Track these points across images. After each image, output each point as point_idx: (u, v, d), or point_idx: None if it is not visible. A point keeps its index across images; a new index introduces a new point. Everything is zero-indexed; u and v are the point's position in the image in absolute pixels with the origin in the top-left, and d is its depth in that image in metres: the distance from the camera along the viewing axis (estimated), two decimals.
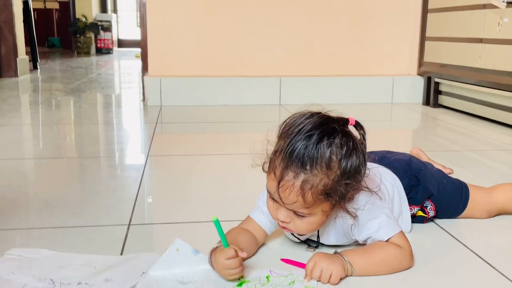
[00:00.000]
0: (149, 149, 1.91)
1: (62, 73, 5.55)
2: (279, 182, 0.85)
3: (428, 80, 3.01)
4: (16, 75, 4.57)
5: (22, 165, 1.73)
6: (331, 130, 0.86)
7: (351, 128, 0.91)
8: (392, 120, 2.80)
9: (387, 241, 0.92)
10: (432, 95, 2.96)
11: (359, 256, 0.90)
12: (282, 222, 0.90)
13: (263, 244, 1.02)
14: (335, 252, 0.92)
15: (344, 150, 0.85)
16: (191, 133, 2.31)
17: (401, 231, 0.94)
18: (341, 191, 0.87)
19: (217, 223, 0.87)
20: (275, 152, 0.89)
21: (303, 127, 0.86)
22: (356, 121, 0.92)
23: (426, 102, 3.03)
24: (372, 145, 0.99)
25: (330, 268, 0.86)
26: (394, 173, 1.10)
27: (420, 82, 3.11)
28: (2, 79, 4.42)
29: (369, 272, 0.90)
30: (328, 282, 0.86)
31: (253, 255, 0.98)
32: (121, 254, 0.99)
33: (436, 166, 1.44)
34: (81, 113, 2.92)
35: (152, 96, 2.94)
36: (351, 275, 0.89)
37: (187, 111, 2.77)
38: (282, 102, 3.01)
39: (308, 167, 0.84)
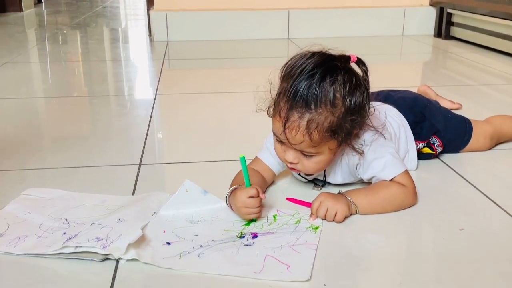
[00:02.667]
0: (157, 87, 1.91)
1: (67, 6, 5.45)
2: (285, 124, 0.86)
3: (441, 11, 2.92)
4: (20, 9, 4.50)
5: (32, 103, 1.75)
6: (333, 68, 0.86)
7: (353, 65, 0.90)
8: (402, 53, 2.75)
9: (391, 180, 0.94)
10: (444, 27, 2.89)
11: (363, 196, 0.92)
12: (290, 163, 0.92)
13: (271, 184, 1.04)
14: (339, 192, 0.94)
15: (347, 87, 0.85)
16: (199, 69, 2.30)
17: (406, 170, 0.95)
18: (347, 127, 0.87)
19: (243, 160, 0.88)
20: (278, 94, 0.89)
21: (305, 67, 0.85)
22: (358, 58, 0.91)
23: (438, 34, 2.96)
24: (382, 79, 0.98)
25: (335, 207, 0.88)
26: (399, 111, 1.10)
27: (432, 13, 3.02)
28: (7, 13, 4.36)
29: (373, 210, 0.92)
30: (333, 221, 0.89)
31: (271, 183, 1.02)
32: (133, 194, 1.01)
33: (443, 102, 1.44)
34: (88, 49, 2.89)
35: (158, 31, 2.89)
36: (355, 214, 0.91)
37: (194, 47, 2.74)
38: (290, 36, 2.96)
39: (312, 106, 0.84)
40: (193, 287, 0.72)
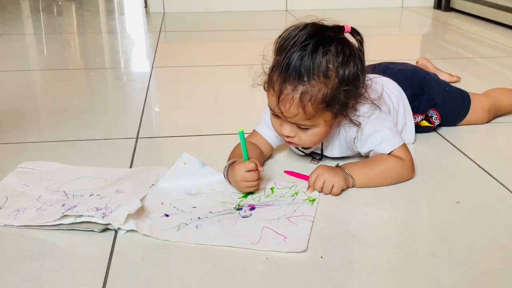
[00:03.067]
0: (154, 60, 1.90)
1: None
2: (278, 97, 0.85)
3: None
4: None
5: (28, 76, 1.73)
6: (326, 38, 0.85)
7: (348, 35, 0.89)
8: (401, 25, 2.73)
9: (389, 153, 0.94)
10: None
11: (360, 169, 0.92)
12: (287, 137, 0.91)
13: (269, 157, 1.04)
14: (337, 165, 0.94)
15: (340, 58, 0.84)
16: (195, 42, 2.28)
17: (404, 144, 0.95)
18: (341, 99, 0.87)
19: (242, 135, 0.88)
20: (272, 67, 0.88)
21: (297, 39, 0.84)
22: (352, 27, 0.90)
23: (438, 5, 2.93)
24: (381, 51, 0.97)
25: (332, 180, 0.89)
26: (398, 84, 1.09)
27: None
28: None
29: (370, 183, 0.92)
30: (330, 193, 0.89)
31: (269, 157, 1.03)
32: (130, 167, 1.02)
33: (442, 75, 1.43)
34: (83, 21, 2.86)
35: (154, 3, 2.86)
36: (353, 187, 0.91)
37: (190, 18, 2.70)
38: (289, 7, 2.92)
39: (305, 78, 0.84)
40: (191, 258, 0.72)
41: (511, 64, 1.84)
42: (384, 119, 0.96)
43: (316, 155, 1.03)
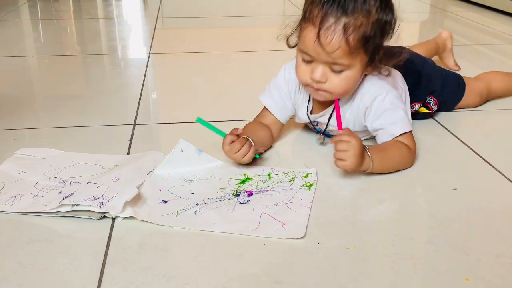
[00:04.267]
0: (151, 46, 1.89)
1: None
2: (319, 30, 0.84)
3: None
4: None
5: (25, 62, 1.72)
6: None
7: None
8: (399, 12, 2.71)
9: (398, 137, 0.94)
10: None
11: (379, 153, 0.91)
12: (318, 82, 0.90)
13: (270, 147, 1.04)
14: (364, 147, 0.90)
15: (379, 1, 0.86)
16: (193, 28, 2.26)
17: (411, 131, 0.96)
18: (377, 40, 0.88)
19: (200, 120, 0.91)
20: (310, 2, 0.88)
21: None
22: None
23: None
24: None
25: (351, 156, 0.86)
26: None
27: None
28: None
29: (384, 170, 0.92)
30: (338, 166, 0.87)
31: (270, 147, 1.03)
32: (128, 154, 1.01)
33: (450, 61, 1.46)
34: (80, 7, 2.84)
35: None
36: (367, 171, 0.90)
37: (188, 4, 2.69)
38: None
39: (349, 11, 0.84)
40: (189, 244, 0.73)
41: (509, 51, 1.84)
42: (401, 101, 0.97)
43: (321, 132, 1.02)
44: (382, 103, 0.94)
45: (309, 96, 1.00)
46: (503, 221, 0.79)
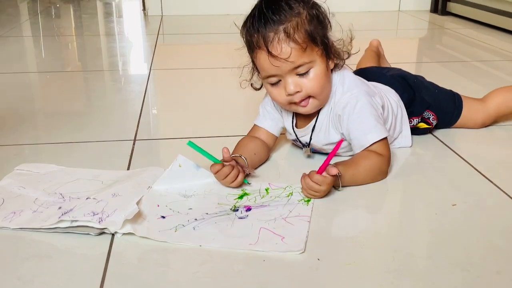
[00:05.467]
0: (152, 62, 1.90)
1: None
2: (267, 48, 0.88)
3: None
4: None
5: (26, 78, 1.73)
6: None
7: None
8: (398, 29, 2.74)
9: (370, 146, 0.94)
10: (441, 2, 2.87)
11: (347, 168, 0.92)
12: (295, 93, 0.92)
13: (266, 160, 1.04)
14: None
15: (300, 1, 0.91)
16: (193, 44, 2.28)
17: (386, 137, 0.96)
18: (320, 33, 0.91)
19: (191, 144, 0.92)
20: (247, 34, 0.93)
21: (254, 6, 0.92)
22: None
23: (434, 9, 2.94)
24: None
25: (321, 195, 0.88)
26: (394, 90, 1.10)
27: None
28: None
29: (355, 182, 0.92)
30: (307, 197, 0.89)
31: (267, 159, 1.04)
32: (128, 169, 1.02)
33: (385, 63, 1.54)
34: (81, 24, 2.86)
35: (152, 6, 2.86)
36: (338, 186, 0.90)
37: (188, 21, 2.71)
38: None
39: (282, 20, 0.88)
40: (188, 260, 0.72)
41: (507, 67, 1.85)
42: (372, 107, 0.97)
43: (306, 145, 1.04)
44: (352, 112, 0.95)
45: (292, 113, 1.03)
46: (503, 237, 0.79)
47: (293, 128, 1.04)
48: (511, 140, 1.18)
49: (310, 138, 1.02)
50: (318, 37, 0.91)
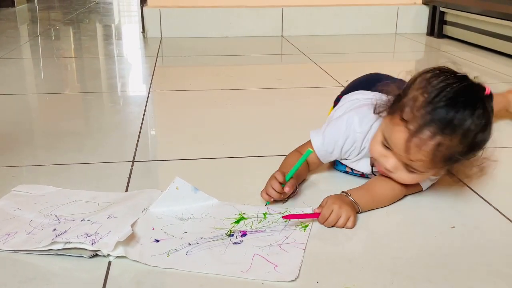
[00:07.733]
0: (151, 84, 1.91)
1: (59, 2, 5.42)
2: (411, 136, 0.82)
3: (434, 10, 2.93)
4: (13, 5, 4.47)
5: (25, 100, 1.74)
6: (475, 99, 0.82)
7: None
8: (395, 51, 2.76)
9: None
10: (437, 25, 2.90)
11: (364, 193, 0.93)
12: (386, 170, 0.91)
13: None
14: (342, 192, 0.93)
15: (481, 122, 0.82)
16: (192, 66, 2.29)
17: None
18: (461, 159, 0.85)
19: (307, 154, 0.93)
20: (412, 101, 0.84)
21: (446, 87, 0.82)
22: (490, 91, 0.86)
23: (431, 32, 2.97)
24: None
25: (342, 212, 0.87)
26: None
27: (425, 11, 3.03)
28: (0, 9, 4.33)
29: (373, 206, 0.93)
30: (344, 227, 0.87)
31: (304, 180, 1.04)
32: (126, 191, 1.01)
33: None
34: (81, 46, 2.88)
35: (152, 28, 2.88)
36: (358, 212, 0.91)
37: (187, 43, 2.73)
38: (284, 33, 2.95)
39: (447, 132, 0.81)
40: (185, 284, 0.72)
41: (503, 90, 1.85)
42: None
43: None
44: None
45: None
46: (502, 259, 0.78)
47: (371, 168, 1.00)
48: (508, 161, 1.18)
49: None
50: (454, 162, 0.86)
